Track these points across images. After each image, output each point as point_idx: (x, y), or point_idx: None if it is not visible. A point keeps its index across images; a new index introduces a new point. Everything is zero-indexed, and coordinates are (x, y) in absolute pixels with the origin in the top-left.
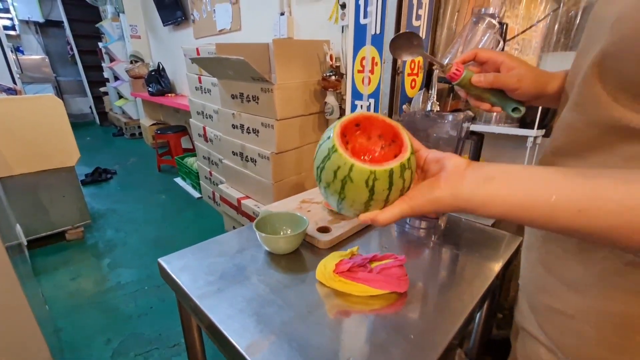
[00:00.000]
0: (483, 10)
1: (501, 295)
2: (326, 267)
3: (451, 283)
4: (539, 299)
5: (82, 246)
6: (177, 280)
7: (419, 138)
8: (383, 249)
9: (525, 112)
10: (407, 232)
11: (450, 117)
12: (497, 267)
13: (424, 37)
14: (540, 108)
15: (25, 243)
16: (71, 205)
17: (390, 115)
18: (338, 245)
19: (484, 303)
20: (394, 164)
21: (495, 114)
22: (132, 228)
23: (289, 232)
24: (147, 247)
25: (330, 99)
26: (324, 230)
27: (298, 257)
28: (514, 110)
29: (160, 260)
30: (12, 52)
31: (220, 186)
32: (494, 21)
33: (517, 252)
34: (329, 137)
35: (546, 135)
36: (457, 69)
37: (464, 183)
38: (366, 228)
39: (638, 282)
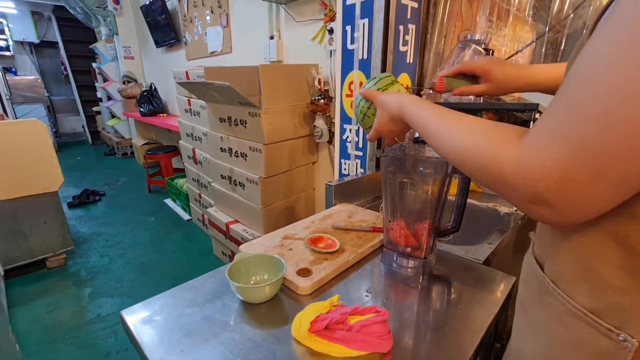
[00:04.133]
0: (469, 36)
1: (499, 326)
2: (301, 324)
3: (441, 337)
4: (513, 339)
5: (63, 274)
6: (137, 338)
7: (406, 167)
8: (366, 295)
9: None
10: (394, 272)
11: None
12: (490, 316)
13: (411, 62)
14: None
15: (2, 273)
16: (53, 232)
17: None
18: (319, 290)
19: (478, 355)
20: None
21: None
22: (117, 253)
23: (265, 277)
24: (132, 273)
25: (320, 123)
26: (304, 272)
27: (275, 306)
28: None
29: (122, 312)
30: (1, 73)
31: (209, 209)
32: (479, 48)
33: (511, 295)
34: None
35: None
36: (439, 81)
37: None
38: (349, 269)
39: (574, 330)
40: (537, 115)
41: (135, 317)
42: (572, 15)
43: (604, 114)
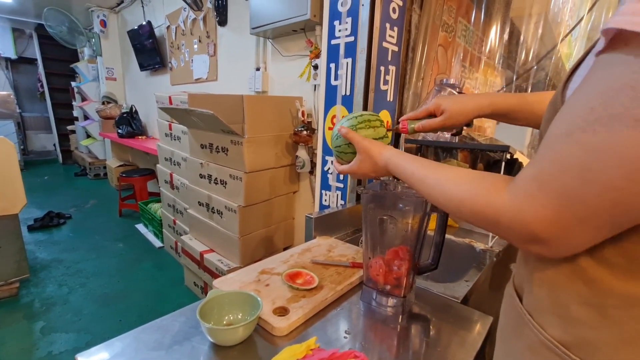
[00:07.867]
0: (444, 80)
1: None
2: None
3: None
4: None
5: (14, 305)
6: None
7: (387, 204)
8: (345, 336)
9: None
10: (373, 310)
11: None
12: (469, 358)
13: (391, 100)
14: (502, 167)
15: None
16: (8, 258)
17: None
18: (296, 330)
19: None
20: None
21: None
22: (78, 282)
23: (240, 317)
24: (93, 305)
25: (302, 153)
26: (281, 311)
27: (249, 349)
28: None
29: (78, 356)
30: None
31: (183, 237)
32: (454, 92)
33: (489, 335)
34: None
35: None
36: (403, 126)
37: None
38: (328, 307)
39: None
40: (507, 156)
41: None
42: (535, 67)
43: (582, 170)
